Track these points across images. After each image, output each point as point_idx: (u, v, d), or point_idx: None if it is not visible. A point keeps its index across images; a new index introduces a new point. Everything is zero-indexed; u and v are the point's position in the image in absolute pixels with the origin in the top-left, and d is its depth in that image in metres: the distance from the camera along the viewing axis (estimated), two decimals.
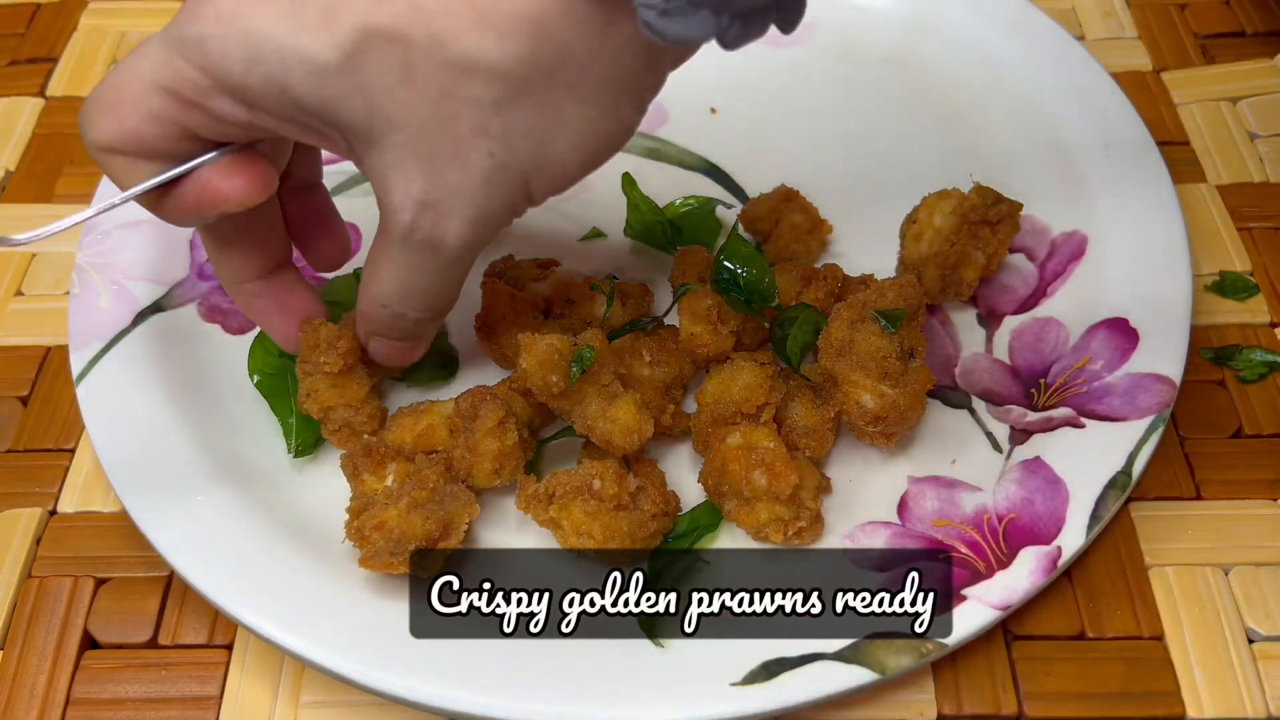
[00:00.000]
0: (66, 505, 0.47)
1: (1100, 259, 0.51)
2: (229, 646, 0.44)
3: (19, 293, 0.55)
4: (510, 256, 0.50)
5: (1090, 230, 0.52)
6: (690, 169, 0.58)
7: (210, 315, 0.51)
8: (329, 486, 0.46)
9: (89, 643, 0.44)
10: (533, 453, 0.45)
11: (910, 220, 0.51)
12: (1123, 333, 0.48)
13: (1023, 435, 0.46)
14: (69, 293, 0.50)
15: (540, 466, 0.47)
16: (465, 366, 0.50)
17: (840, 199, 0.54)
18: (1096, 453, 0.45)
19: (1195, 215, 0.56)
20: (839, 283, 0.48)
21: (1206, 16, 0.65)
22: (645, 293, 0.50)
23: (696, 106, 0.59)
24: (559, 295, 0.49)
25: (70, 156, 0.60)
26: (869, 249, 0.53)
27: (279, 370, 0.48)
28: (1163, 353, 0.47)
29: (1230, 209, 0.56)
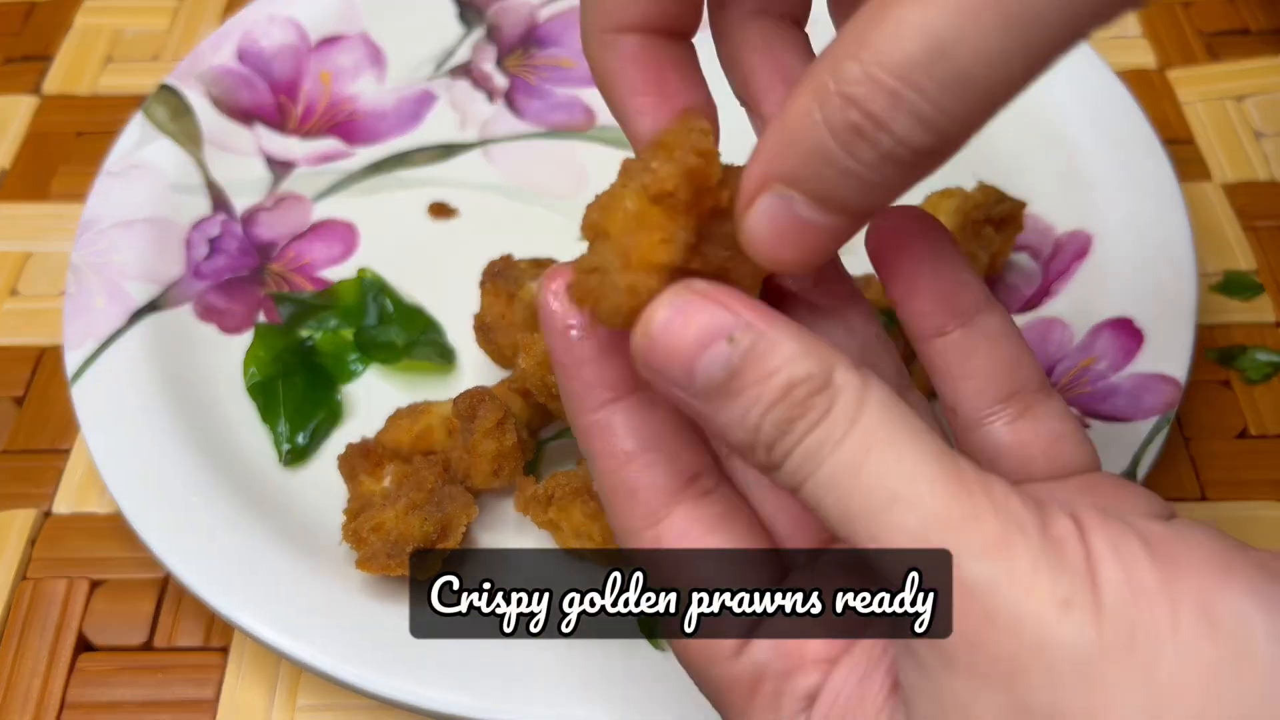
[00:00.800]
0: (61, 507, 0.47)
1: (1105, 258, 0.51)
2: (225, 649, 0.43)
3: (14, 292, 0.54)
4: (509, 256, 0.50)
5: (1095, 229, 0.52)
6: None
7: (206, 315, 0.51)
8: (326, 488, 0.45)
9: (84, 645, 0.44)
10: (532, 454, 0.45)
11: None
12: (1127, 333, 0.48)
13: None
14: (64, 292, 0.50)
15: (539, 467, 0.46)
16: (464, 367, 0.50)
17: None
18: (1101, 453, 0.44)
19: (1200, 214, 0.55)
20: None
21: (1211, 14, 0.65)
22: None
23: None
24: None
25: (65, 155, 0.60)
26: None
27: (270, 378, 0.48)
28: (1168, 353, 0.46)
29: (1236, 208, 0.56)
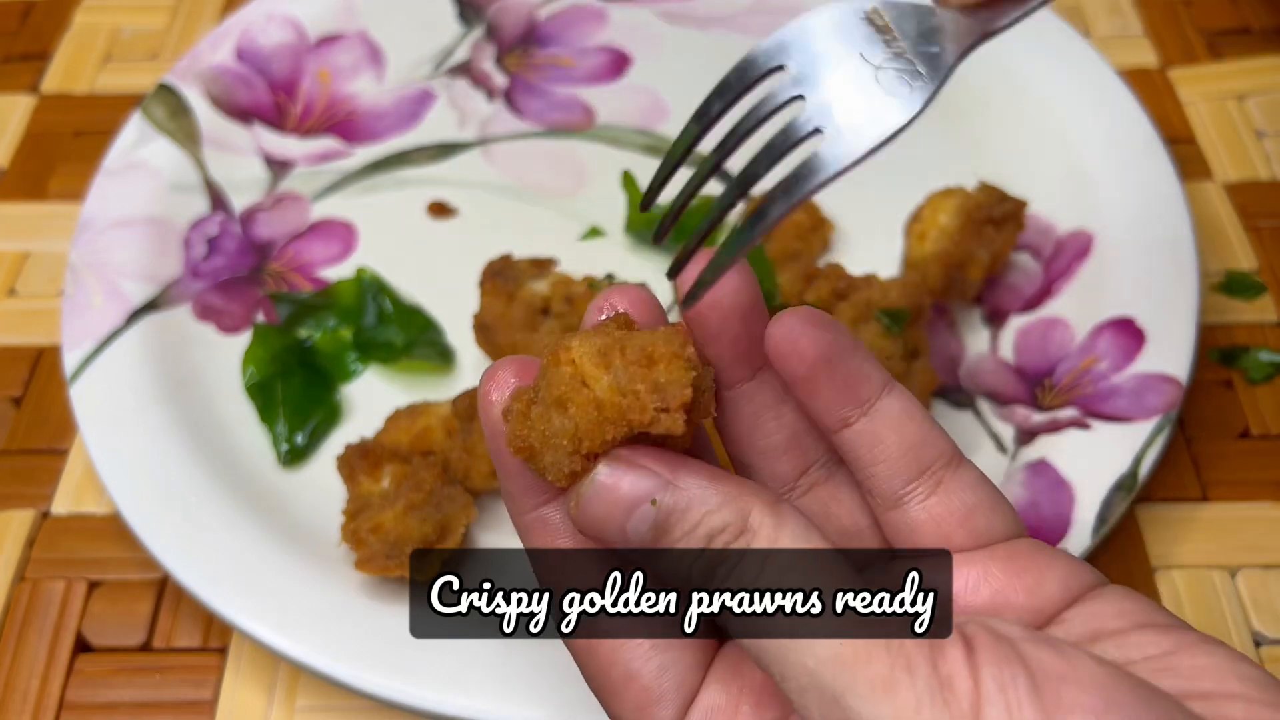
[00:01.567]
0: (59, 507, 0.47)
1: (1106, 258, 0.50)
2: (223, 650, 0.43)
3: (12, 292, 0.54)
4: (508, 256, 0.49)
5: (1096, 229, 0.51)
6: (691, 166, 0.57)
7: (204, 315, 0.50)
8: (325, 488, 0.45)
9: (82, 646, 0.43)
10: None
11: (914, 218, 0.50)
12: (1129, 333, 0.47)
13: (1028, 436, 0.46)
14: (62, 292, 0.50)
15: None
16: (463, 367, 0.49)
17: (843, 197, 0.53)
18: (1103, 454, 0.44)
19: (1202, 214, 0.55)
20: (842, 282, 0.48)
21: (1213, 13, 0.64)
22: None
23: (697, 103, 0.59)
24: (557, 294, 0.48)
25: (63, 154, 0.59)
26: (872, 247, 0.52)
27: (268, 378, 0.47)
28: (1169, 353, 0.46)
29: (1237, 207, 0.55)
